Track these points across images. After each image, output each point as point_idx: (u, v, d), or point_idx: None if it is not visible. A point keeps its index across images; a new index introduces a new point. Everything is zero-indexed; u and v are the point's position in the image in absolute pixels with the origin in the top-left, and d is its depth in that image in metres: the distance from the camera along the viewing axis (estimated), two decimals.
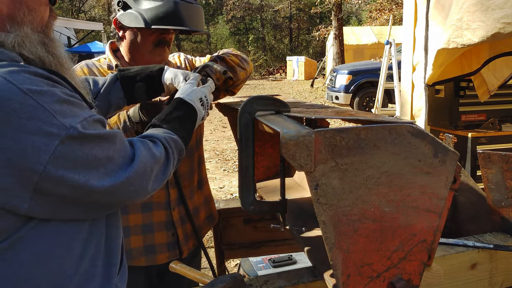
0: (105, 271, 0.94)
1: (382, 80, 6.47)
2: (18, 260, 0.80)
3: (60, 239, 0.85)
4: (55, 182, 0.78)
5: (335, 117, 1.06)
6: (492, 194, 1.46)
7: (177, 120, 1.13)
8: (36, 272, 0.82)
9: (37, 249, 0.82)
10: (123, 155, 0.89)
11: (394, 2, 19.11)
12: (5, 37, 0.84)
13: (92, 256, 0.91)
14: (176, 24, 1.51)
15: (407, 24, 2.58)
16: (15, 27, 0.86)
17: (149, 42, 1.57)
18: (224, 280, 1.08)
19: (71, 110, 0.80)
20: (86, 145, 0.81)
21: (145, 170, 0.91)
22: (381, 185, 0.86)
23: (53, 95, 0.78)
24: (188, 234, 1.68)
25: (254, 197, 1.07)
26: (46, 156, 0.76)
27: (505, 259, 1.39)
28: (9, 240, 0.79)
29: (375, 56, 15.17)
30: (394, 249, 0.91)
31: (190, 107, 1.18)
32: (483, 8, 1.85)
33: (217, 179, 5.89)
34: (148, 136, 1.03)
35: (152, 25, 1.49)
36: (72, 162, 0.79)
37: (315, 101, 12.92)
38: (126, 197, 0.91)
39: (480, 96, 2.65)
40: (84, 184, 0.81)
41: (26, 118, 0.74)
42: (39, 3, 0.91)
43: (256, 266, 2.35)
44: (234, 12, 31.32)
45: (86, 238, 0.90)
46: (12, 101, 0.73)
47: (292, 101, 1.55)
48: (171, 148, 1.02)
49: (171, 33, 1.61)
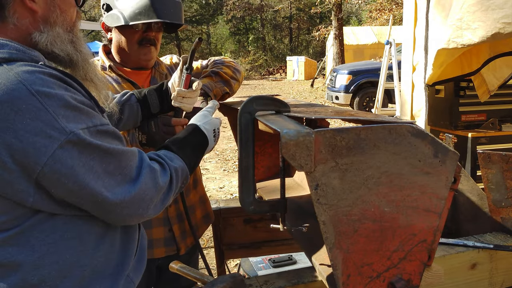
0: (118, 262, 0.98)
1: (382, 80, 6.46)
2: (30, 246, 0.85)
3: (73, 232, 0.89)
4: (52, 183, 0.81)
5: (335, 117, 1.06)
6: (492, 194, 1.46)
7: (190, 147, 1.16)
8: (48, 259, 0.86)
9: (49, 239, 0.86)
10: (125, 173, 0.90)
11: (394, 2, 19.11)
12: (39, 36, 0.91)
13: (107, 249, 0.95)
14: (151, 17, 1.52)
15: (407, 24, 2.58)
16: (48, 27, 0.93)
17: (133, 41, 1.59)
18: (224, 280, 1.08)
19: (75, 116, 0.83)
20: (85, 153, 0.83)
21: (144, 197, 0.92)
22: (381, 185, 0.86)
23: (61, 99, 0.81)
24: (186, 232, 1.70)
25: (254, 197, 1.07)
26: (44, 158, 0.79)
27: (505, 259, 1.39)
28: (20, 226, 0.84)
29: (375, 56, 15.15)
30: (394, 249, 0.91)
31: (204, 137, 1.21)
32: (483, 8, 1.85)
33: (217, 179, 5.90)
34: (160, 159, 1.03)
35: (130, 22, 1.51)
36: (69, 168, 0.81)
37: (315, 101, 12.93)
38: (117, 218, 0.92)
39: (480, 96, 2.65)
40: (78, 191, 0.83)
41: (30, 119, 0.77)
42: (69, 5, 0.98)
43: (256, 266, 2.35)
44: (234, 12, 31.30)
45: (99, 232, 0.93)
46: (20, 100, 0.77)
47: (292, 101, 1.55)
48: (177, 177, 1.04)
49: (154, 31, 1.61)
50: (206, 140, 1.22)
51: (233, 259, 3.37)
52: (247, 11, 32.73)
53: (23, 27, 0.91)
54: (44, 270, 0.86)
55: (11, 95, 0.77)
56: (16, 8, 0.90)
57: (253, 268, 2.33)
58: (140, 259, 1.08)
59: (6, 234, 0.84)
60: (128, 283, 1.01)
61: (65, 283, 0.89)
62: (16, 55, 0.85)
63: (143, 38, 1.60)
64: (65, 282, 0.89)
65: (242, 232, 1.97)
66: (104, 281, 0.94)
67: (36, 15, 0.92)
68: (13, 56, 0.85)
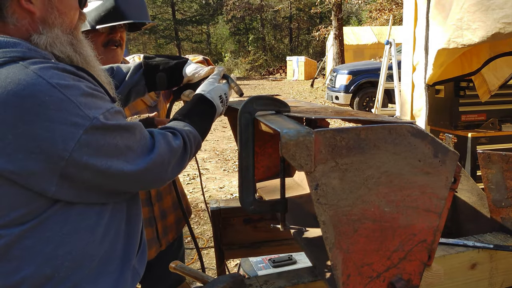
0: (124, 253, 1.02)
1: (382, 80, 6.46)
2: (46, 237, 0.88)
3: (84, 222, 0.93)
4: (80, 168, 0.86)
5: (335, 117, 1.06)
6: (492, 194, 1.46)
7: (197, 115, 1.19)
8: (62, 250, 0.90)
9: (63, 230, 0.90)
10: (142, 144, 0.96)
11: (394, 2, 19.11)
12: (38, 38, 0.93)
13: (112, 239, 0.99)
14: (119, 19, 1.49)
15: (407, 24, 2.58)
16: (46, 29, 0.95)
17: (98, 44, 1.54)
18: (224, 280, 1.08)
19: (94, 103, 0.88)
20: (108, 134, 0.88)
21: (163, 161, 0.98)
22: (381, 185, 0.86)
23: (79, 88, 0.87)
24: (167, 227, 1.73)
25: (254, 197, 1.07)
26: (72, 144, 0.83)
27: (505, 259, 1.39)
28: (37, 219, 0.87)
29: (375, 56, 15.15)
30: (394, 249, 0.91)
31: (210, 104, 1.23)
32: (483, 8, 1.85)
33: (217, 179, 5.89)
34: (169, 128, 1.09)
35: (97, 26, 1.48)
36: (95, 150, 0.86)
37: (315, 101, 12.92)
38: (144, 184, 1.00)
39: (481, 96, 2.65)
40: (105, 170, 0.88)
41: (54, 109, 0.82)
42: (69, 7, 1.00)
43: (256, 266, 2.35)
44: (234, 12, 31.28)
45: (107, 222, 0.97)
46: (42, 93, 0.81)
47: (292, 101, 1.55)
48: (190, 141, 1.08)
49: (119, 31, 1.58)
50: (213, 108, 1.23)
51: (233, 259, 3.37)
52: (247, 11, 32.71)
53: (23, 28, 0.93)
54: (57, 261, 0.89)
55: (33, 89, 0.81)
56: (15, 8, 0.91)
57: (253, 268, 2.33)
58: (143, 252, 1.11)
59: (24, 226, 0.87)
60: (134, 274, 1.04)
61: (76, 274, 0.92)
62: (29, 54, 0.88)
63: (109, 40, 1.56)
64: (76, 273, 0.92)
65: (242, 232, 1.97)
66: (112, 271, 0.98)
67: (34, 16, 0.93)
68: (27, 55, 0.88)
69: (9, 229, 0.86)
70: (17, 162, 0.82)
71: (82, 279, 0.93)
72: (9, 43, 0.88)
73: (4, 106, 0.80)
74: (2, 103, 0.80)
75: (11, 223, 0.86)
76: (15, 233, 0.86)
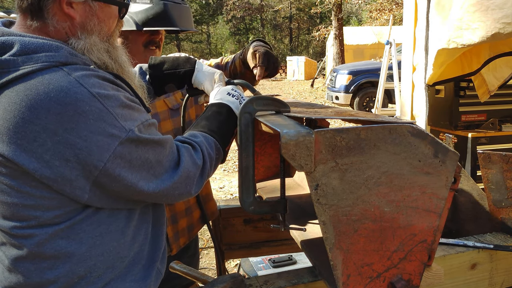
0: (150, 255, 1.04)
1: (382, 80, 6.46)
2: (79, 239, 0.91)
3: (115, 225, 0.95)
4: (112, 179, 0.88)
5: (335, 117, 1.06)
6: (492, 194, 1.46)
7: (205, 119, 1.17)
8: (94, 251, 0.92)
9: (95, 232, 0.92)
10: (170, 159, 0.97)
11: (394, 2, 19.12)
12: (75, 43, 0.94)
13: (141, 241, 1.01)
14: (166, 25, 1.54)
15: (407, 24, 2.58)
16: (85, 35, 0.96)
17: (139, 44, 1.60)
18: (224, 280, 1.08)
19: (130, 114, 0.90)
20: (141, 147, 0.90)
21: (189, 175, 1.00)
22: (381, 185, 0.86)
23: (117, 99, 0.88)
24: (179, 232, 1.71)
25: (254, 197, 1.07)
26: (107, 155, 0.85)
27: (505, 259, 1.39)
28: (71, 220, 0.90)
29: (375, 56, 15.15)
30: (394, 249, 0.91)
31: (219, 105, 1.20)
32: (483, 8, 1.85)
33: (217, 179, 5.89)
34: (189, 141, 1.07)
35: (144, 27, 1.52)
36: (128, 162, 0.88)
37: (315, 101, 12.92)
38: (171, 199, 1.00)
39: (481, 96, 2.66)
40: (135, 185, 0.90)
41: (93, 119, 0.83)
42: (109, 16, 1.01)
43: (256, 266, 2.35)
44: (234, 12, 31.29)
45: (136, 225, 1.00)
46: (83, 102, 0.83)
47: (292, 101, 1.55)
48: (208, 153, 1.08)
49: (160, 34, 1.63)
50: (226, 107, 1.19)
51: (233, 259, 3.37)
52: (247, 11, 32.72)
53: (63, 31, 0.94)
54: (90, 261, 0.92)
55: (74, 97, 0.82)
56: (56, 11, 0.92)
57: (253, 268, 2.33)
58: (164, 252, 1.13)
59: (58, 227, 0.89)
60: (157, 274, 1.06)
61: (107, 274, 0.94)
62: (71, 59, 0.89)
63: (150, 41, 1.60)
64: (107, 273, 0.94)
65: (242, 232, 1.97)
66: (139, 272, 1.00)
67: (74, 21, 0.94)
68: (69, 60, 0.89)
69: (42, 229, 0.88)
70: (53, 169, 0.83)
71: (112, 279, 0.95)
72: (52, 47, 0.88)
73: (46, 112, 0.81)
74: (44, 109, 0.81)
75: (44, 223, 0.88)
76: (49, 232, 0.88)
